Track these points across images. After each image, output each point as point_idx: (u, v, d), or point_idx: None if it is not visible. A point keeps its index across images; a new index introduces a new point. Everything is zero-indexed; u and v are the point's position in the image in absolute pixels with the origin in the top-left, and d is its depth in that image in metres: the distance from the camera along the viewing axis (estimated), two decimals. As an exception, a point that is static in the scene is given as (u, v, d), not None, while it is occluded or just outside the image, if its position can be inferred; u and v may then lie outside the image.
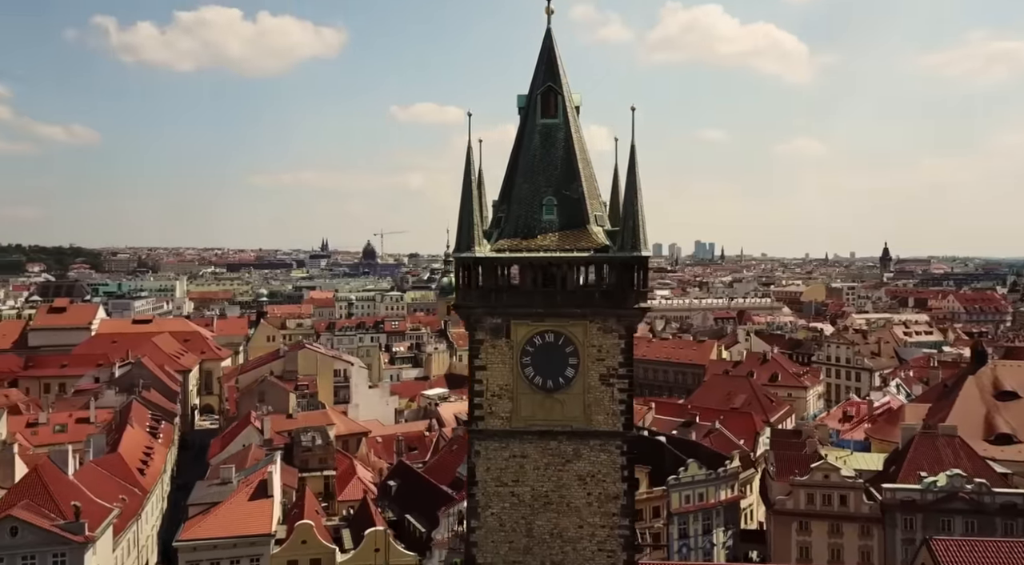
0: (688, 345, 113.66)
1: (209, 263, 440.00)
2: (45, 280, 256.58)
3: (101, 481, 58.65)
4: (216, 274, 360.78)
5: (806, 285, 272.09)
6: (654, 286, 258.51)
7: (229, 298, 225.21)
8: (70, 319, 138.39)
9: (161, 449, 76.39)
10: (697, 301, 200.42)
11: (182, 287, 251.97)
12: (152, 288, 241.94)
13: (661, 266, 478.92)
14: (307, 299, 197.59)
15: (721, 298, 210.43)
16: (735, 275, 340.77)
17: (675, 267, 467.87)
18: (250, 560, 50.84)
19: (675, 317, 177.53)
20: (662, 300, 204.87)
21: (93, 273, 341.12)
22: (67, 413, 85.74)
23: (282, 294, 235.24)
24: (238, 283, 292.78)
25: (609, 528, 29.34)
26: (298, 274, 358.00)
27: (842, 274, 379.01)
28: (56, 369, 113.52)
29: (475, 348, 29.67)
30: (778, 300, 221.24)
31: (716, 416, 79.84)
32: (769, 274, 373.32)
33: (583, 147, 31.16)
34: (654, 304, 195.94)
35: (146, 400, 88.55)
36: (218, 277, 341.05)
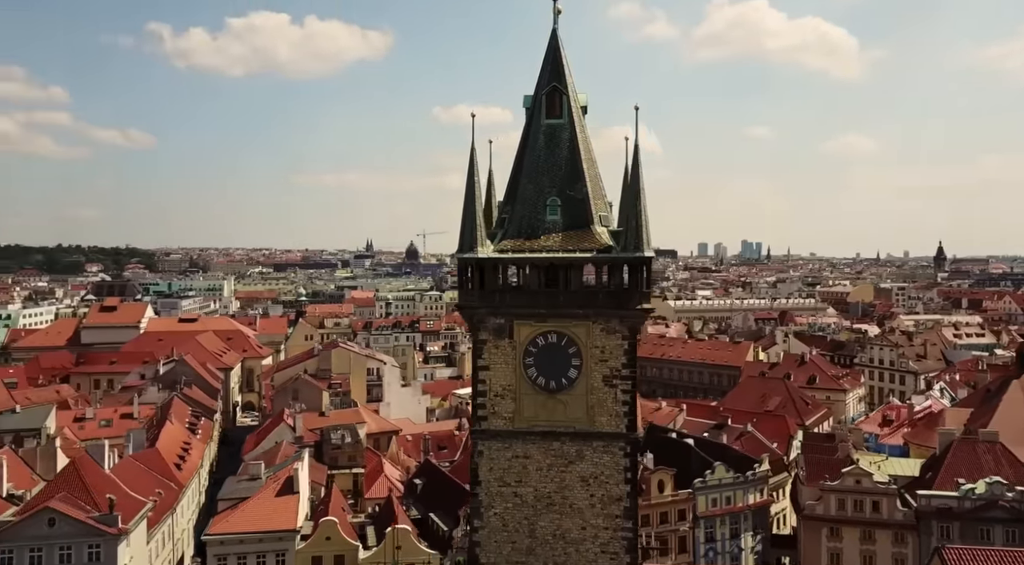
0: (724, 346, 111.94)
1: (257, 263, 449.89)
2: (101, 280, 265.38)
3: (138, 475, 60.47)
4: (263, 274, 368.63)
5: (853, 285, 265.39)
6: (696, 286, 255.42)
7: (274, 298, 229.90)
8: (120, 318, 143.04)
9: (199, 445, 78.35)
10: (739, 301, 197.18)
11: (230, 287, 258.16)
12: (201, 287, 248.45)
13: (706, 266, 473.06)
14: (348, 299, 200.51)
15: (763, 299, 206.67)
16: (780, 275, 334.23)
17: (720, 267, 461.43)
18: (276, 555, 51.89)
19: (715, 318, 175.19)
20: (703, 300, 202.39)
21: (147, 273, 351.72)
22: (112, 409, 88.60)
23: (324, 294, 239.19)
24: (283, 283, 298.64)
25: (612, 530, 29.17)
26: (342, 274, 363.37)
27: (893, 274, 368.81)
28: (105, 366, 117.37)
29: (478, 348, 29.82)
30: (823, 301, 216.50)
31: (749, 419, 78.48)
32: (816, 274, 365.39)
33: (588, 147, 31.02)
34: (694, 304, 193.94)
35: (187, 397, 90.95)
36: (265, 277, 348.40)
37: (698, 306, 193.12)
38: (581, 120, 31.12)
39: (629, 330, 29.24)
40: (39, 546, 48.65)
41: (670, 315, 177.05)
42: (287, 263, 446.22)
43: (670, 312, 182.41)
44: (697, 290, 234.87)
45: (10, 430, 77.36)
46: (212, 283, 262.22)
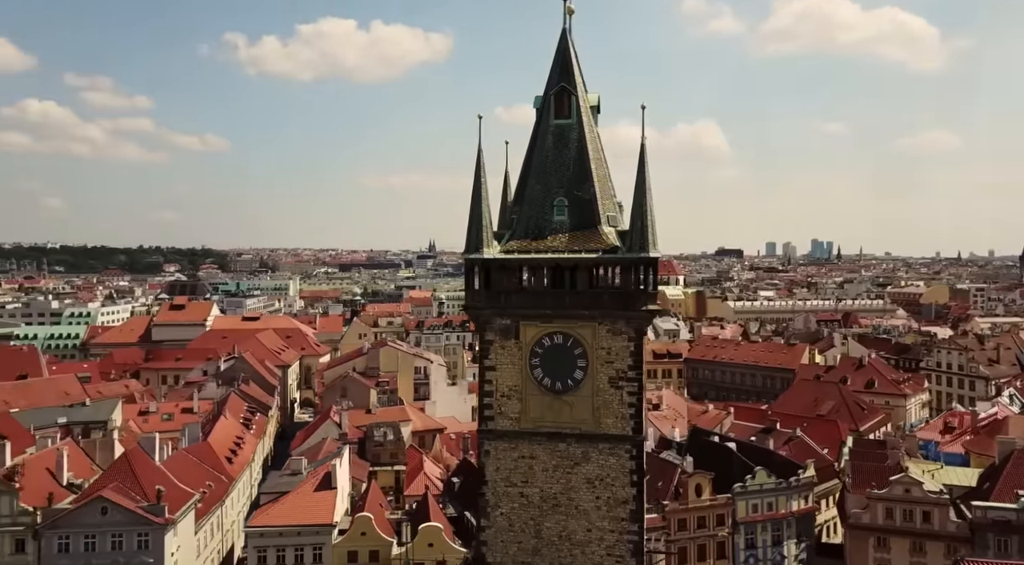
0: (778, 348, 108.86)
1: (323, 263, 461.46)
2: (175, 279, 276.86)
3: (189, 468, 62.96)
4: (328, 274, 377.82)
5: (928, 286, 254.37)
6: (760, 287, 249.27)
7: (336, 297, 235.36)
8: (188, 316, 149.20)
9: (252, 439, 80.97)
10: (801, 302, 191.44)
11: (295, 286, 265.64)
12: (268, 287, 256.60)
13: (772, 266, 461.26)
14: (406, 298, 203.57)
15: (828, 300, 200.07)
16: (849, 275, 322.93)
17: (787, 267, 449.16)
18: (313, 548, 53.23)
19: (775, 319, 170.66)
20: (764, 301, 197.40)
21: (219, 273, 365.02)
22: (174, 403, 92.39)
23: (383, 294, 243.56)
24: (347, 283, 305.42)
25: (618, 533, 28.95)
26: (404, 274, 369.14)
27: (974, 275, 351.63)
28: (172, 362, 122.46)
29: (485, 348, 30.00)
30: (893, 302, 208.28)
31: (799, 423, 76.32)
32: (889, 274, 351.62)
33: (597, 147, 30.87)
34: (754, 305, 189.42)
35: (243, 393, 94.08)
36: (330, 277, 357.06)
37: (758, 307, 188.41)
38: (591, 120, 30.98)
39: (635, 331, 28.95)
40: (92, 533, 51.24)
41: (729, 316, 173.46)
42: (352, 263, 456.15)
43: (729, 313, 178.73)
44: (759, 290, 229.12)
45: (80, 422, 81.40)
46: (279, 283, 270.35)
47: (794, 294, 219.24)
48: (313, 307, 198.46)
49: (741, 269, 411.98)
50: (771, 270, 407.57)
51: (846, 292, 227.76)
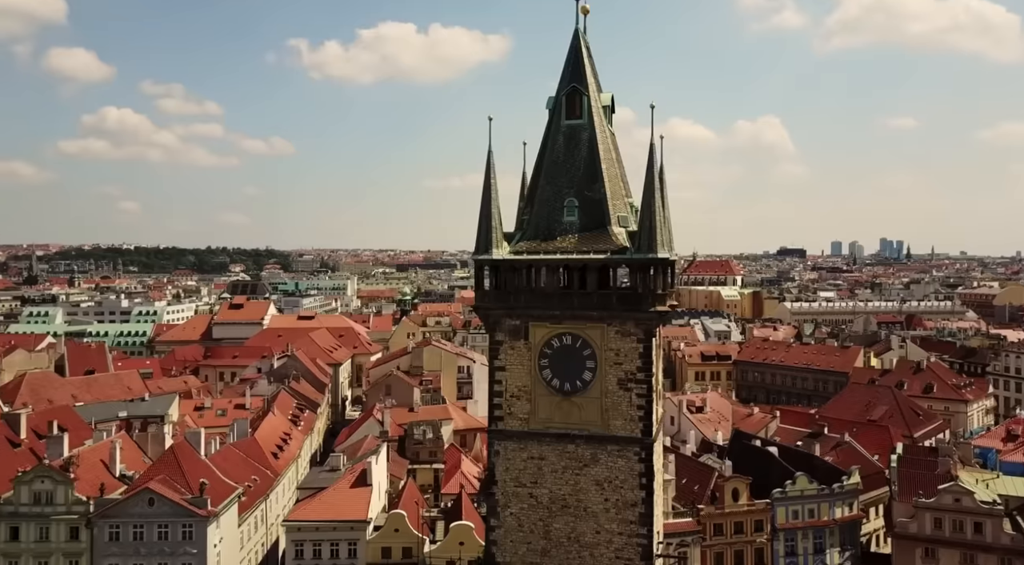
0: (831, 351, 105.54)
1: (382, 263, 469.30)
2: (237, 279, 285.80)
3: (235, 462, 64.95)
4: (386, 274, 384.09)
5: (1003, 287, 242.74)
6: (819, 287, 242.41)
7: (392, 297, 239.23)
8: (246, 315, 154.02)
9: (299, 436, 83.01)
10: (863, 304, 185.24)
11: (353, 286, 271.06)
12: (327, 287, 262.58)
13: (836, 266, 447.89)
14: (457, 298, 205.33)
15: (892, 301, 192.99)
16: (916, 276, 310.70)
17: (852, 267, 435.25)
18: (348, 544, 54.32)
19: (834, 321, 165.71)
20: (823, 302, 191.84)
21: (282, 273, 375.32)
22: (228, 399, 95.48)
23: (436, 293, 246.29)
24: (403, 282, 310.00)
25: (627, 536, 28.71)
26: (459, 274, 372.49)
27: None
28: (229, 359, 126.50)
29: (494, 349, 30.14)
30: (964, 304, 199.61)
31: (848, 428, 74.08)
32: (962, 274, 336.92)
33: (609, 147, 30.65)
34: (813, 306, 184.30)
35: (293, 390, 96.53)
36: (387, 277, 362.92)
37: (817, 308, 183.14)
38: (603, 120, 30.78)
39: (645, 333, 28.66)
40: (140, 523, 53.36)
41: (786, 317, 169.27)
42: (409, 263, 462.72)
43: (786, 314, 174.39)
44: (819, 291, 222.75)
45: (139, 416, 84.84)
46: (337, 282, 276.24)
47: (856, 295, 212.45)
48: (367, 306, 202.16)
49: (803, 269, 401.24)
50: (835, 270, 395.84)
51: (912, 293, 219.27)
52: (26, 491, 53.44)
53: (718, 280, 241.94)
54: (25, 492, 53.46)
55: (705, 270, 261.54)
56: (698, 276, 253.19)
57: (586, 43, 31.38)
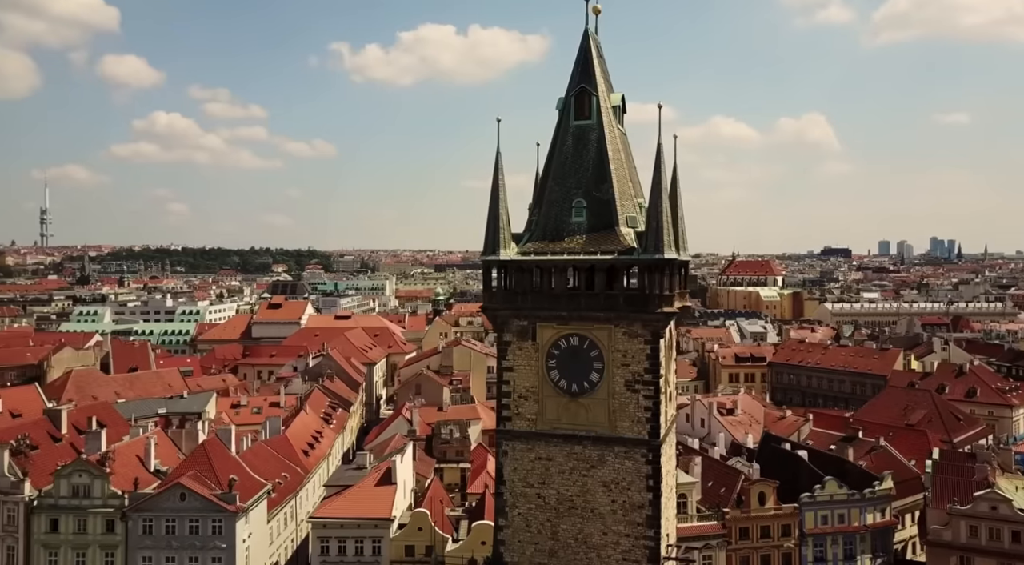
0: (869, 353, 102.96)
1: (421, 264, 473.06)
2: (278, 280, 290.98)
3: (265, 459, 66.20)
4: (424, 274, 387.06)
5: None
6: (863, 288, 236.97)
7: (429, 297, 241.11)
8: (284, 314, 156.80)
9: (330, 434, 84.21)
10: (907, 305, 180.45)
11: (391, 286, 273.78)
12: (366, 287, 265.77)
13: (883, 266, 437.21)
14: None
15: (939, 302, 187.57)
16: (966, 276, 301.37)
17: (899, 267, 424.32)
18: (372, 541, 55.00)
19: (877, 322, 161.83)
20: (866, 303, 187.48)
21: (322, 273, 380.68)
22: (263, 397, 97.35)
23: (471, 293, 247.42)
24: (440, 283, 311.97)
25: (634, 538, 28.55)
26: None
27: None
28: (267, 358, 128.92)
29: (502, 349, 30.25)
30: (1016, 305, 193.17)
31: (884, 432, 72.35)
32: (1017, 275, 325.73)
33: (618, 147, 30.50)
34: (855, 308, 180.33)
35: (327, 388, 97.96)
36: (425, 277, 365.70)
37: (859, 309, 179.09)
38: (612, 120, 30.65)
39: (652, 334, 28.45)
40: (172, 517, 54.78)
41: (826, 318, 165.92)
42: (447, 264, 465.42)
43: (827, 315, 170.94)
44: (863, 292, 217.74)
45: (177, 413, 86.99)
46: (376, 283, 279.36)
47: (901, 296, 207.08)
48: (404, 306, 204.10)
49: (848, 269, 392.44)
50: (881, 270, 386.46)
51: (960, 294, 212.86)
52: (65, 484, 55.26)
53: (758, 281, 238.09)
54: (64, 485, 55.28)
55: (745, 270, 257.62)
56: (737, 276, 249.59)
57: (596, 43, 31.31)
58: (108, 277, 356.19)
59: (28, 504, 55.60)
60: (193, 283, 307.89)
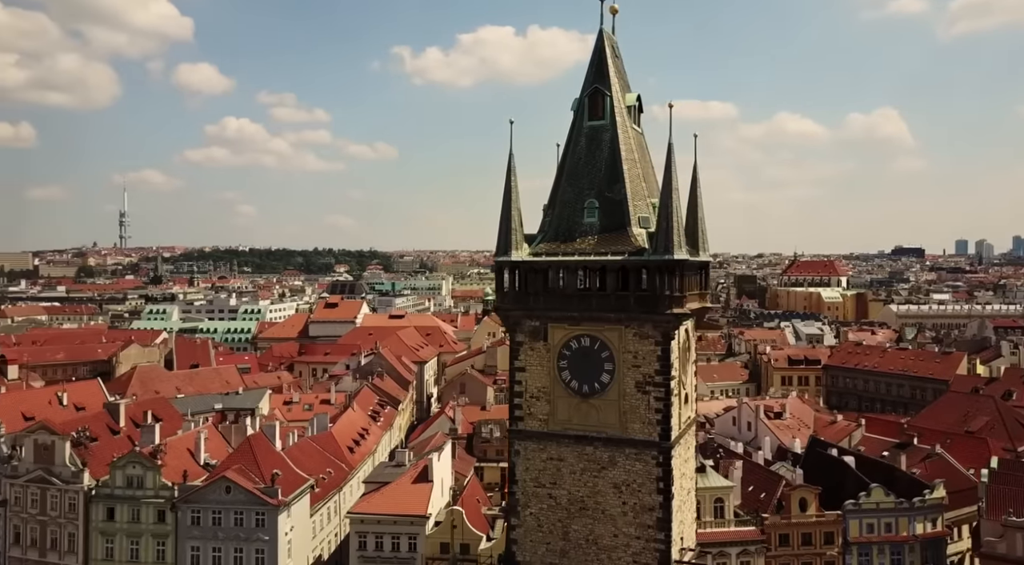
0: (930, 357, 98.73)
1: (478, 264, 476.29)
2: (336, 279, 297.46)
3: (310, 455, 67.83)
4: (480, 274, 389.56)
5: None
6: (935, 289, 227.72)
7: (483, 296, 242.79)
8: (340, 314, 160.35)
9: (377, 431, 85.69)
10: (980, 307, 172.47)
11: (447, 286, 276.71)
12: (423, 287, 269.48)
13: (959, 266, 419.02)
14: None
15: (1016, 304, 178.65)
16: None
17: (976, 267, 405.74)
18: (408, 538, 55.77)
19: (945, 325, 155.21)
20: (935, 305, 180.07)
21: (382, 273, 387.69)
22: (315, 395, 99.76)
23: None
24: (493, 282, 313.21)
25: (644, 540, 28.31)
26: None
27: None
28: (321, 356, 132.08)
29: (515, 350, 30.38)
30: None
31: (941, 439, 69.45)
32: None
33: (632, 147, 30.27)
34: (923, 309, 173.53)
35: (376, 386, 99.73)
36: (482, 277, 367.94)
37: (927, 311, 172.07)
38: (626, 121, 30.45)
39: (662, 335, 28.14)
40: (218, 509, 56.69)
41: (891, 321, 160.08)
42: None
43: (891, 317, 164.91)
44: (932, 293, 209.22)
45: (232, 408, 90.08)
46: (433, 283, 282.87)
47: (974, 298, 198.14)
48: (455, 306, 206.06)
49: (920, 270, 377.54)
50: (956, 271, 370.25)
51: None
52: (120, 475, 57.80)
53: (820, 281, 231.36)
54: (119, 476, 57.82)
55: (807, 271, 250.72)
56: (799, 277, 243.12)
57: (612, 43, 31.14)
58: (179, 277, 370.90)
59: (87, 493, 58.37)
60: (258, 283, 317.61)
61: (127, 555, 57.80)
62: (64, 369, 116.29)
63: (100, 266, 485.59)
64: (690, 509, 32.02)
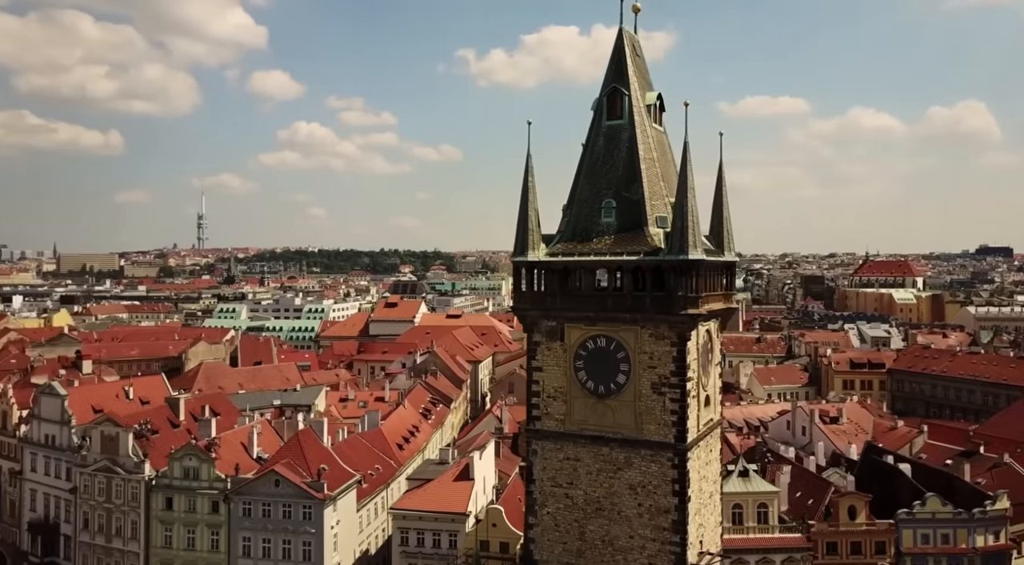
0: (1004, 361, 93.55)
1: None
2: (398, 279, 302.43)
3: (359, 451, 69.37)
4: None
5: None
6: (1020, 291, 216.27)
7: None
8: (399, 313, 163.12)
9: (428, 429, 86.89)
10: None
11: (507, 286, 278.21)
12: (483, 287, 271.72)
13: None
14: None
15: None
16: None
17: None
18: (449, 535, 56.45)
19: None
20: (1017, 307, 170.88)
21: (445, 273, 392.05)
22: (370, 392, 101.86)
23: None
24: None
25: (660, 542, 27.99)
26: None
27: None
28: (379, 355, 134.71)
29: (532, 349, 30.46)
30: None
31: (1011, 448, 66.06)
32: None
33: (651, 146, 29.96)
34: (1006, 312, 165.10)
35: (429, 385, 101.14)
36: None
37: (1009, 314, 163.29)
38: (644, 120, 30.16)
39: (678, 336, 27.77)
40: (268, 502, 58.66)
41: (969, 324, 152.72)
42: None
43: (969, 320, 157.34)
44: (1016, 295, 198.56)
45: (290, 405, 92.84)
46: (493, 283, 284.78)
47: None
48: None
49: (1006, 270, 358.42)
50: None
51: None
52: (178, 467, 60.46)
53: (893, 282, 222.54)
54: (177, 467, 60.50)
55: (880, 271, 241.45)
56: (871, 278, 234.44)
57: (633, 42, 30.91)
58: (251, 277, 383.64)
59: (148, 483, 61.30)
60: (325, 283, 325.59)
61: (184, 543, 60.43)
62: (138, 365, 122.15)
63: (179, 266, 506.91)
64: (712, 513, 31.47)
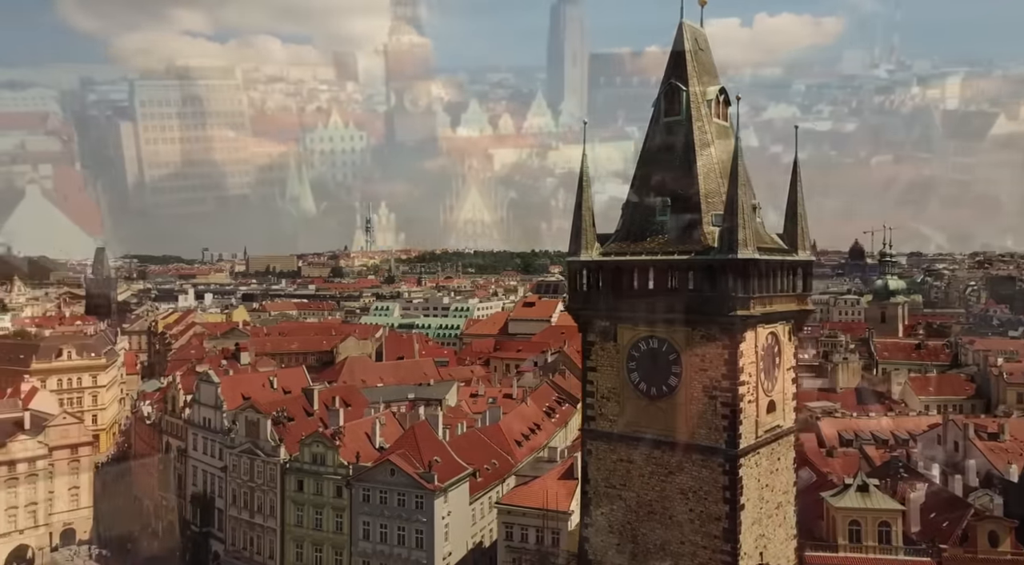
0: None
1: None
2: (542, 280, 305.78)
3: (475, 446, 71.43)
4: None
5: None
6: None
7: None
8: (536, 312, 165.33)
9: (550, 427, 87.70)
10: None
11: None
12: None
13: None
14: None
15: None
16: None
17: None
18: (552, 532, 56.99)
19: None
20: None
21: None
22: (499, 389, 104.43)
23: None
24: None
25: (711, 550, 27.08)
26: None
27: None
28: (514, 353, 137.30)
29: (587, 349, 30.41)
30: None
31: None
32: None
33: (708, 142, 28.99)
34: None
35: (555, 384, 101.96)
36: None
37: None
38: (703, 115, 29.24)
39: (730, 339, 26.74)
40: (385, 490, 62.14)
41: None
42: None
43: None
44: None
45: (423, 398, 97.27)
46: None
47: None
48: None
49: None
50: None
51: None
52: (308, 452, 65.51)
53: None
54: (307, 453, 65.56)
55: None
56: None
57: (694, 36, 30.03)
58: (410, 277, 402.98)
59: (283, 466, 66.89)
60: (478, 283, 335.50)
61: (313, 524, 65.41)
62: (295, 357, 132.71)
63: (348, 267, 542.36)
64: (782, 525, 29.88)
